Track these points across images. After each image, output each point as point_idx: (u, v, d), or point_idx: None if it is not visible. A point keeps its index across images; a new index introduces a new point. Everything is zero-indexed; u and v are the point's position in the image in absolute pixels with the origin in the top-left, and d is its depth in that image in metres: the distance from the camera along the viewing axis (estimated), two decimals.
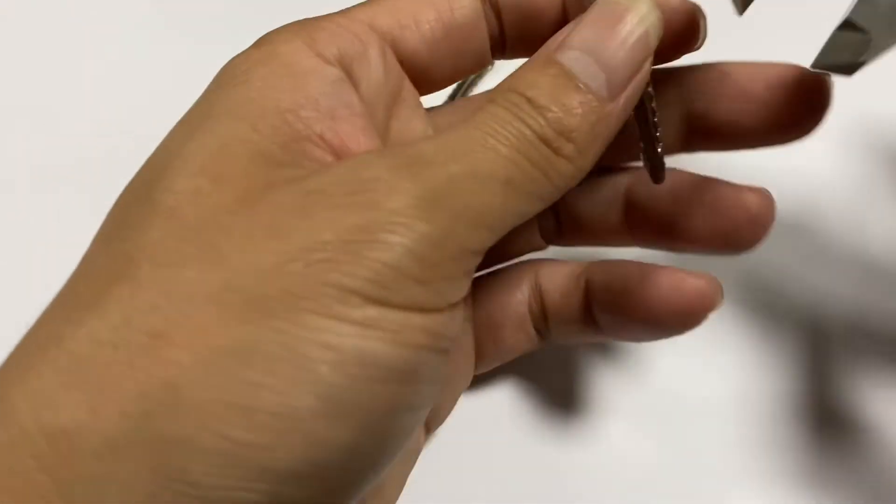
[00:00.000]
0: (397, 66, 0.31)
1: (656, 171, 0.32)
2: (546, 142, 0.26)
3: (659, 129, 0.31)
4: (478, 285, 0.35)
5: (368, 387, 0.22)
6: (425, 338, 0.24)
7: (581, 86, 0.27)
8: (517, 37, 0.33)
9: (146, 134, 0.29)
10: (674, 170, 0.34)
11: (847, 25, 0.31)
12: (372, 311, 0.22)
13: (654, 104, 0.31)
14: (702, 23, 0.33)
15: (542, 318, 0.34)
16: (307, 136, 0.26)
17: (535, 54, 0.29)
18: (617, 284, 0.31)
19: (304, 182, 0.24)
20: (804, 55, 0.32)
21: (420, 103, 0.33)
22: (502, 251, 0.37)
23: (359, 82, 0.29)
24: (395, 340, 0.23)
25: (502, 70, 0.45)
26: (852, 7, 0.31)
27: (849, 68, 0.30)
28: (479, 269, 0.29)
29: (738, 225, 0.32)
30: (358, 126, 0.28)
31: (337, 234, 0.23)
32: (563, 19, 0.33)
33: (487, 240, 0.26)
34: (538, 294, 0.34)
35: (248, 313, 0.22)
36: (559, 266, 0.34)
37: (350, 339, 0.22)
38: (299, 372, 0.21)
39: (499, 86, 0.29)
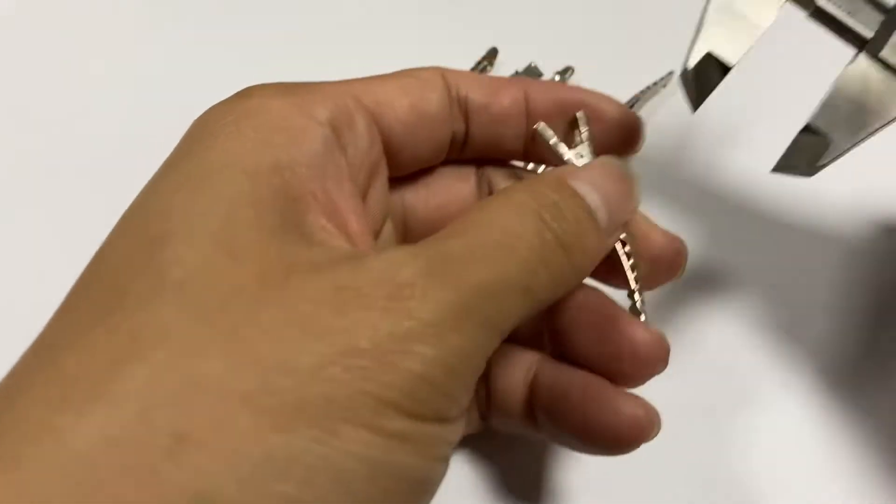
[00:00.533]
0: (379, 140, 0.31)
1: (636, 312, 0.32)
2: (564, 247, 0.27)
3: (636, 280, 0.32)
4: None
5: (398, 498, 0.22)
6: (445, 448, 0.24)
7: (591, 212, 0.29)
8: (481, 138, 0.34)
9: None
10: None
11: (808, 130, 0.31)
12: (404, 424, 0.22)
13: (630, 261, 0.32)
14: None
15: (487, 402, 0.33)
16: (304, 197, 0.25)
17: (543, 174, 0.30)
18: (559, 391, 0.30)
19: (332, 273, 0.23)
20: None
21: (387, 180, 0.33)
22: None
23: (346, 147, 0.28)
24: (423, 453, 0.23)
25: (502, 70, 0.47)
26: (815, 112, 0.32)
27: (809, 170, 0.31)
28: None
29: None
30: (347, 190, 0.28)
31: (374, 343, 0.22)
32: (525, 132, 0.34)
33: (497, 345, 0.25)
34: (485, 378, 0.33)
35: (285, 420, 0.20)
36: (512, 354, 0.32)
37: (385, 453, 0.21)
38: (335, 485, 0.20)
39: (515, 187, 0.29)
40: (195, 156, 0.25)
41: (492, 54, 0.49)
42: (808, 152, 0.31)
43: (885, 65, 0.34)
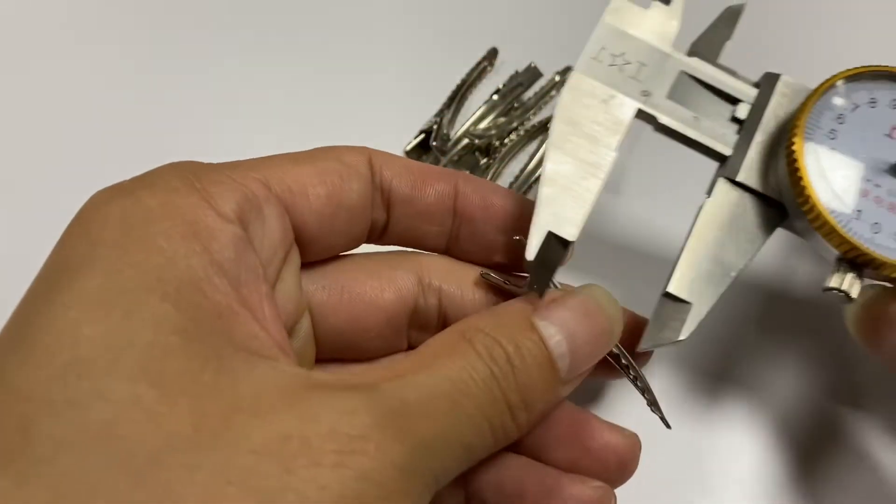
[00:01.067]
0: (291, 231, 0.29)
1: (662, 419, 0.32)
2: (510, 407, 0.26)
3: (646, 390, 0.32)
4: None
5: None
6: None
7: (554, 364, 0.28)
8: (401, 230, 0.32)
9: None
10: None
11: (668, 297, 0.31)
12: None
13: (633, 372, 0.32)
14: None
15: None
16: (226, 312, 0.24)
17: (512, 307, 0.29)
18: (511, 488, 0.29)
19: (277, 419, 0.21)
20: None
21: (299, 269, 0.30)
22: None
23: (252, 240, 0.26)
24: None
25: (502, 70, 0.47)
26: (672, 278, 0.32)
27: (677, 337, 0.31)
28: None
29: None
30: (262, 292, 0.26)
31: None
32: (450, 227, 0.33)
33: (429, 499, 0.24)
34: None
35: None
36: None
37: None
38: None
39: (473, 325, 0.27)
40: (100, 269, 0.22)
41: (492, 54, 0.49)
42: (672, 320, 0.31)
43: (745, 188, 0.33)
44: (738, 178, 0.33)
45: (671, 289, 0.31)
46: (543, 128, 0.48)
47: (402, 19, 0.51)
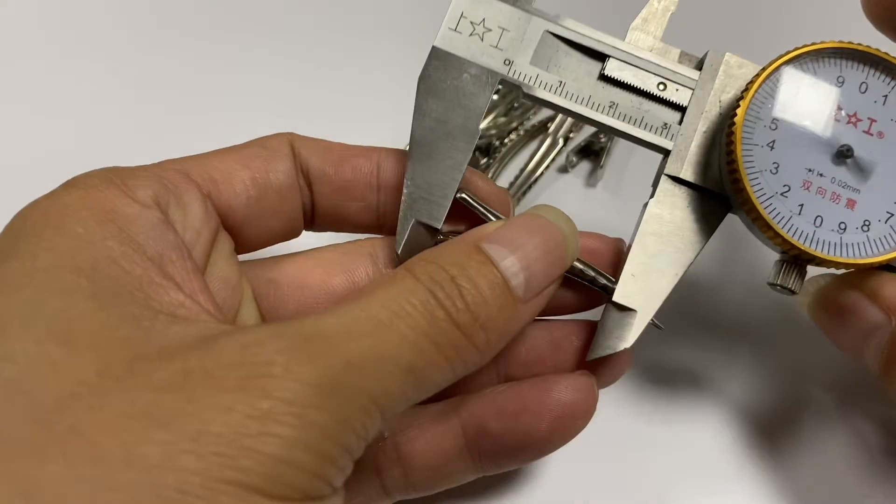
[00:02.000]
0: (215, 215, 0.30)
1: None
2: (459, 326, 0.26)
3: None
4: None
5: None
6: None
7: (504, 280, 0.27)
8: (327, 209, 0.33)
9: None
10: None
11: (614, 306, 0.32)
12: None
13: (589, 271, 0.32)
14: None
15: (404, 477, 0.31)
16: (150, 283, 0.24)
17: (456, 239, 0.29)
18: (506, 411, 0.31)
19: (182, 358, 0.22)
20: None
21: (233, 253, 0.31)
22: None
23: (174, 223, 0.27)
24: None
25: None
26: (616, 290, 0.32)
27: (624, 343, 0.32)
28: None
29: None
30: (188, 268, 0.27)
31: (229, 427, 0.21)
32: (375, 202, 0.33)
33: (377, 426, 0.24)
34: (400, 456, 0.31)
35: None
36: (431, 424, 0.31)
37: None
38: None
39: (417, 258, 0.28)
40: (18, 258, 0.24)
41: None
42: (619, 329, 0.32)
43: (689, 185, 0.33)
44: (681, 175, 0.32)
45: (616, 297, 0.32)
46: (543, 127, 0.47)
47: (402, 19, 0.50)
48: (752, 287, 0.42)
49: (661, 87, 0.33)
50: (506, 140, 0.47)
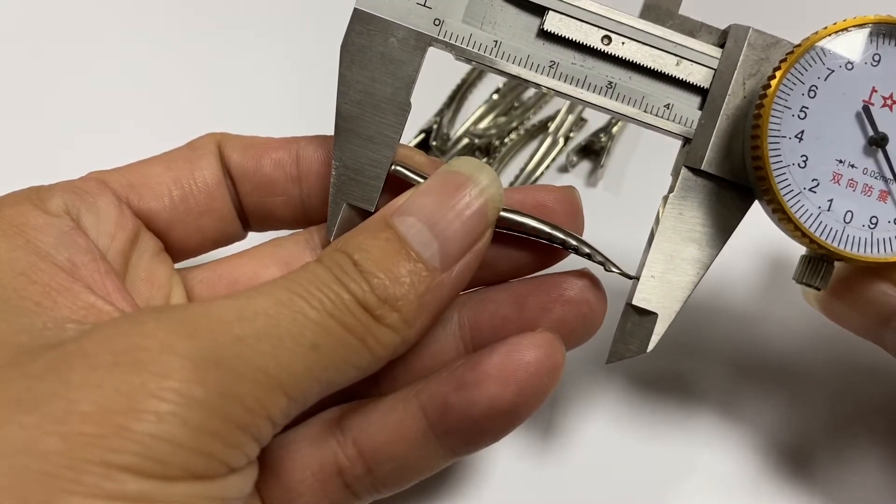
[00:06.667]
0: (132, 218, 0.30)
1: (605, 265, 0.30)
2: (367, 308, 0.25)
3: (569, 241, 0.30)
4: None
5: None
6: None
7: (413, 254, 0.27)
8: (253, 206, 0.32)
9: None
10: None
11: (633, 309, 0.31)
12: (147, 486, 0.20)
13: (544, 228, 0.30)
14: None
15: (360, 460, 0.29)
16: (52, 289, 0.25)
17: (372, 217, 0.28)
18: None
19: (66, 345, 0.22)
20: None
21: (162, 254, 0.31)
22: None
23: (87, 229, 0.28)
24: None
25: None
26: (632, 293, 0.31)
27: (643, 349, 0.31)
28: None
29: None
30: (102, 270, 0.27)
31: (97, 404, 0.20)
32: (298, 194, 0.32)
33: (286, 407, 0.24)
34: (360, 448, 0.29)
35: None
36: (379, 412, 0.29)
37: None
38: None
39: (331, 244, 0.28)
40: None
41: None
42: (638, 333, 0.31)
43: (710, 177, 0.31)
44: (703, 167, 0.31)
45: (636, 301, 0.31)
46: (544, 127, 0.46)
47: None
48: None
49: (677, 64, 0.31)
50: (506, 140, 0.46)
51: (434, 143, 0.45)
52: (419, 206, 0.28)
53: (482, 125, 0.46)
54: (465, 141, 0.45)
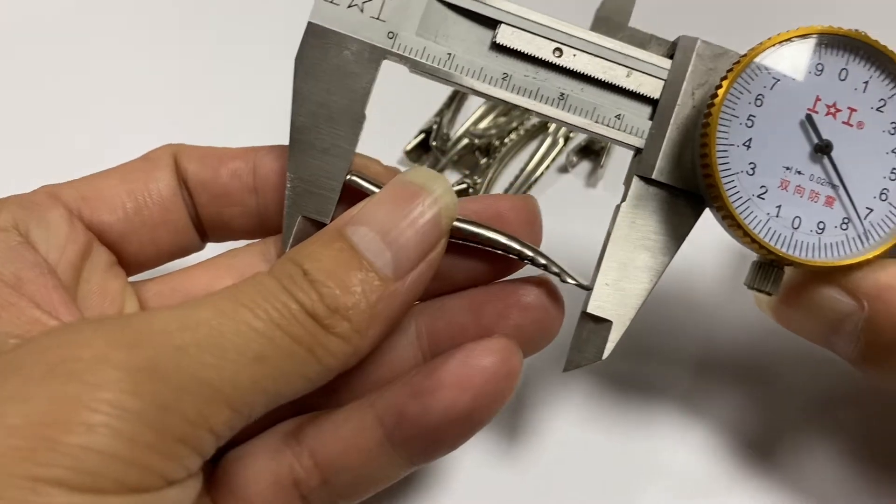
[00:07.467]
0: (84, 231, 0.30)
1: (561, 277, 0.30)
2: (316, 318, 0.25)
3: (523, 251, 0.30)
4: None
5: None
6: None
7: (365, 263, 0.27)
8: (210, 218, 0.32)
9: None
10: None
11: (588, 317, 0.31)
12: (77, 499, 0.20)
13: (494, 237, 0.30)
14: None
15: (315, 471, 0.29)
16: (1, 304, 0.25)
17: (325, 227, 0.28)
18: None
19: (1, 360, 0.22)
20: None
21: (115, 267, 0.31)
22: None
23: (36, 243, 0.28)
24: None
25: None
26: (587, 301, 0.31)
27: (599, 356, 0.31)
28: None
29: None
30: (49, 285, 0.27)
31: (27, 417, 0.20)
32: (255, 205, 0.32)
33: (229, 419, 0.23)
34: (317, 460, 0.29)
35: None
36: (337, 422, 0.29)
37: None
38: None
39: (283, 255, 0.28)
40: None
41: None
42: (594, 340, 0.31)
43: (662, 185, 0.31)
44: (654, 176, 0.31)
45: (590, 308, 0.31)
46: (544, 127, 0.46)
47: None
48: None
49: (628, 75, 0.31)
50: (506, 140, 0.46)
51: (434, 143, 0.45)
52: (372, 215, 0.28)
53: (482, 125, 0.46)
54: (465, 141, 0.45)
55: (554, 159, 0.45)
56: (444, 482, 0.37)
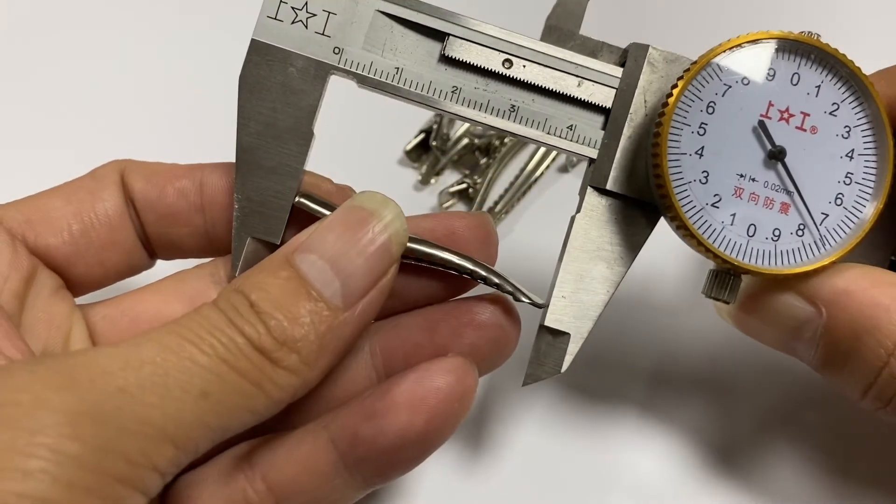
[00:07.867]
0: (28, 256, 0.29)
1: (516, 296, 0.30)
2: (263, 351, 0.25)
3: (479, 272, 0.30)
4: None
5: None
6: None
7: (314, 293, 0.26)
8: (157, 237, 0.32)
9: None
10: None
11: (546, 331, 0.31)
12: None
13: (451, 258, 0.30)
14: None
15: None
16: None
17: (273, 254, 0.28)
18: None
19: None
20: None
21: (62, 291, 0.30)
22: None
23: None
24: None
25: None
26: (544, 314, 0.31)
27: (557, 369, 0.31)
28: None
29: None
30: None
31: None
32: (203, 224, 0.31)
33: (174, 457, 0.23)
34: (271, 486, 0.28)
35: None
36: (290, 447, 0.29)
37: None
38: None
39: (229, 284, 0.27)
40: None
41: None
42: (552, 353, 0.31)
43: (616, 196, 0.31)
44: (608, 187, 0.31)
45: (548, 322, 0.31)
46: None
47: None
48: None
49: (579, 85, 0.31)
50: (506, 140, 0.45)
51: (434, 143, 0.44)
52: (321, 242, 0.27)
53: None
54: (465, 141, 0.45)
55: (554, 159, 0.45)
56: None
